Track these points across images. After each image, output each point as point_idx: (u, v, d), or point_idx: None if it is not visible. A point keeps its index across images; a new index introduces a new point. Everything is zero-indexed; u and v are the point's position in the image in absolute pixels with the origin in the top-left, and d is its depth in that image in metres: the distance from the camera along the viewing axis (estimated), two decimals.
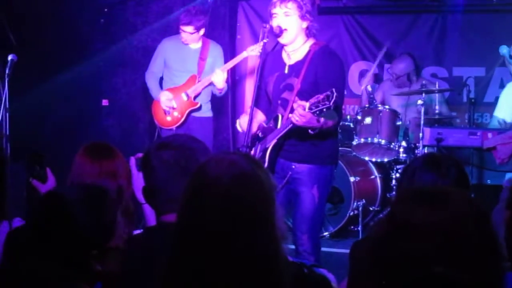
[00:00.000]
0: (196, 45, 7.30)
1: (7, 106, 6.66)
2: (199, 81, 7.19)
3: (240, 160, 2.00)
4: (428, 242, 1.71)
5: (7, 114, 6.67)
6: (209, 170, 1.96)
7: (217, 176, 1.94)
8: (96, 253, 2.71)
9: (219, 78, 6.96)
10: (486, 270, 1.68)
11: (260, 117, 5.26)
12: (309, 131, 4.64)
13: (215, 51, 7.35)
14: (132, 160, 3.08)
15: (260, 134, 5.12)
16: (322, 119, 4.55)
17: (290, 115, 4.64)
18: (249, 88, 8.45)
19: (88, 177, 3.22)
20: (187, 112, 7.21)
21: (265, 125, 5.13)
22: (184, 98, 7.18)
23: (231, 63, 7.26)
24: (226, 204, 1.91)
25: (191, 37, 7.18)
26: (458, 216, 1.74)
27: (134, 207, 3.31)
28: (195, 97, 7.22)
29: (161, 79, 7.44)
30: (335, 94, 4.33)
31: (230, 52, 8.44)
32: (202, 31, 7.23)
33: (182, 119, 7.21)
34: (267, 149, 4.91)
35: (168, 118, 7.26)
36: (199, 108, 7.25)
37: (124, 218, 3.11)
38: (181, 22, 7.16)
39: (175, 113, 7.22)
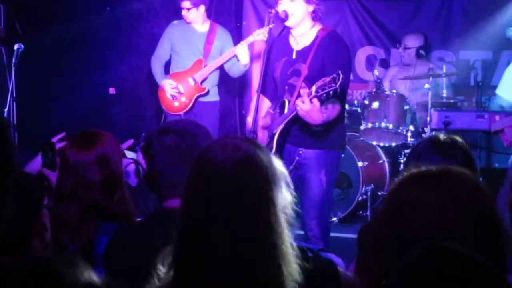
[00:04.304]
0: (203, 29, 7.22)
1: (14, 95, 6.70)
2: (205, 65, 7.13)
3: (243, 144, 2.00)
4: (426, 219, 1.71)
5: (14, 104, 6.71)
6: (214, 154, 1.96)
7: (221, 160, 1.94)
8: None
9: (243, 52, 6.88)
10: (486, 247, 1.68)
11: (267, 105, 5.25)
12: (314, 127, 4.63)
13: (223, 35, 7.27)
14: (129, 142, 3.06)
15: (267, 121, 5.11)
16: (325, 115, 4.53)
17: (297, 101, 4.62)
18: (255, 73, 8.42)
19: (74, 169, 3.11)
20: (195, 97, 7.15)
21: (271, 111, 5.11)
22: (191, 83, 7.12)
23: (249, 39, 7.01)
24: (230, 188, 1.91)
25: (190, 14, 7.07)
26: (455, 193, 1.75)
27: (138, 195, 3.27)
28: (202, 82, 7.15)
29: (169, 63, 7.36)
30: (341, 76, 4.31)
31: (236, 38, 8.42)
32: (202, 8, 7.10)
33: (190, 105, 7.15)
34: (274, 134, 4.89)
35: (176, 104, 7.19)
36: (207, 93, 7.19)
37: (120, 208, 3.05)
38: None
39: (183, 98, 7.16)
